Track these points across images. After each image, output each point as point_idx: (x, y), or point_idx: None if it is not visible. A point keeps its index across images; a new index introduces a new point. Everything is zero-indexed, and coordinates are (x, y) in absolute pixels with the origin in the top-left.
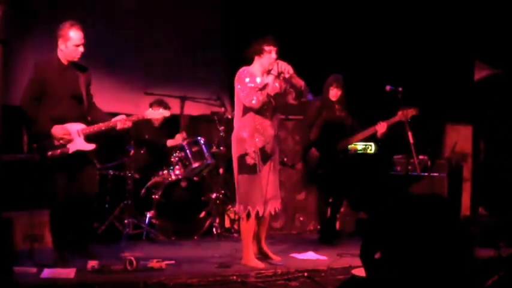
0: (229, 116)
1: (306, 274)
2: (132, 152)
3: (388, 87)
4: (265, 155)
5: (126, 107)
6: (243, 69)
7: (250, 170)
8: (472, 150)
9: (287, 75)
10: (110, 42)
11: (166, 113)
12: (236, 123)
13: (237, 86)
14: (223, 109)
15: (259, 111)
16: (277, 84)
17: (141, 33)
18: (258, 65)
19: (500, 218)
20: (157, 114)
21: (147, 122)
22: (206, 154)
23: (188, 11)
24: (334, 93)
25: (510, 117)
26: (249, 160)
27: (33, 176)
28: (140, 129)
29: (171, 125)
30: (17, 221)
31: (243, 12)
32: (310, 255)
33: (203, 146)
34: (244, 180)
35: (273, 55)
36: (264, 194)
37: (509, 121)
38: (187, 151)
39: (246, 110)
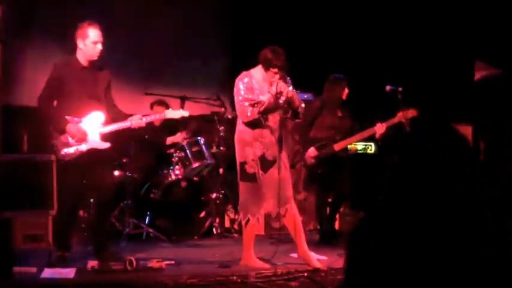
0: (229, 116)
1: (306, 274)
2: (132, 152)
3: (388, 87)
4: (265, 163)
5: (126, 107)
6: (243, 75)
7: (250, 178)
8: None
9: (284, 98)
10: (110, 42)
11: (185, 113)
12: (238, 126)
13: (235, 95)
14: (223, 109)
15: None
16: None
17: (141, 33)
18: (260, 71)
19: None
20: (177, 114)
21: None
22: (206, 154)
23: (188, 12)
24: (346, 91)
25: (510, 117)
26: (249, 169)
27: (34, 176)
28: (140, 129)
29: (171, 125)
30: (17, 221)
31: (243, 12)
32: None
33: (203, 146)
34: (244, 188)
35: (276, 77)
36: (268, 199)
37: (509, 121)
38: (187, 151)
39: None
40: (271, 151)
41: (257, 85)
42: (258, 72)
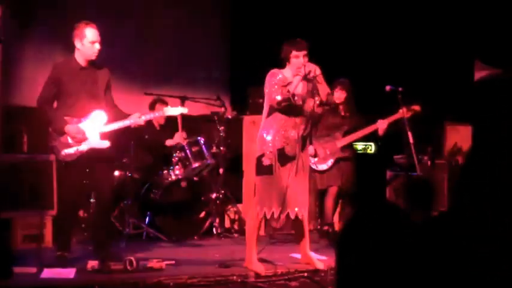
0: (229, 116)
1: (306, 274)
2: (132, 152)
3: (388, 87)
4: (283, 157)
5: (126, 107)
6: (273, 71)
7: (265, 171)
8: None
9: (312, 75)
10: (110, 42)
11: (184, 110)
12: (261, 124)
13: (265, 86)
14: (223, 109)
15: (284, 112)
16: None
17: (141, 33)
18: (289, 69)
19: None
20: (176, 110)
21: (148, 121)
22: (206, 154)
23: (188, 11)
24: (338, 95)
25: (510, 116)
26: (265, 161)
27: (34, 176)
28: (140, 129)
29: (171, 126)
30: (17, 221)
31: (244, 12)
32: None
33: (203, 146)
34: (261, 182)
35: (301, 60)
36: (282, 195)
37: (509, 121)
38: (187, 151)
39: (272, 110)
40: (292, 147)
41: (288, 81)
42: (287, 71)
